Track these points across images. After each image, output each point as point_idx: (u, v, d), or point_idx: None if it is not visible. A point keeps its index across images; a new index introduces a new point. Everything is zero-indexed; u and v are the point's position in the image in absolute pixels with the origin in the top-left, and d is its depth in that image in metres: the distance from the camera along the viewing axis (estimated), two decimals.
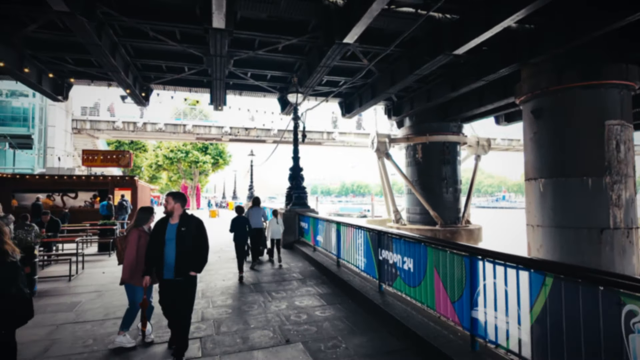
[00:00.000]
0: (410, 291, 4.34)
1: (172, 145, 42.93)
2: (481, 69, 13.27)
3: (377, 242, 5.23)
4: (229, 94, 18.00)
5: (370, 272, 5.58)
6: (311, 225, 9.45)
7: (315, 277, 7.24)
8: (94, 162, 17.70)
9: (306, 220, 10.12)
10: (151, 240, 3.92)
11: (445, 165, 19.05)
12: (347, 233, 6.61)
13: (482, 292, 3.12)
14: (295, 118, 12.04)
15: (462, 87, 14.45)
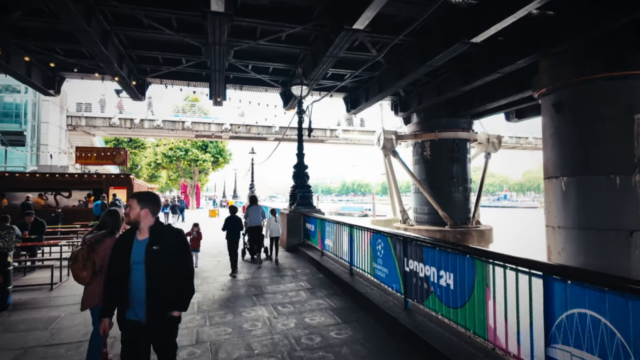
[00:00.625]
0: (449, 313, 3.56)
1: (172, 143, 42.16)
2: (496, 60, 12.48)
3: (403, 251, 4.45)
4: (229, 88, 17.22)
5: (393, 284, 4.80)
6: (318, 227, 8.67)
7: (325, 287, 6.46)
8: (88, 159, 16.93)
9: (312, 222, 9.34)
10: (110, 264, 2.71)
11: (454, 163, 18.26)
12: (362, 238, 5.83)
13: (565, 325, 2.34)
14: (299, 112, 11.26)
15: (475, 80, 13.66)
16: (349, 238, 6.41)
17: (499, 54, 12.28)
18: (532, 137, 31.30)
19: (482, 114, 19.11)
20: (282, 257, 9.62)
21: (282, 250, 10.62)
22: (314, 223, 9.19)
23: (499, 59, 12.32)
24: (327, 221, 8.03)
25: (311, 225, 9.50)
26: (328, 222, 7.92)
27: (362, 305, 5.23)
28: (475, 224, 18.44)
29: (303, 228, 10.35)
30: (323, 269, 7.48)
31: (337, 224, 7.24)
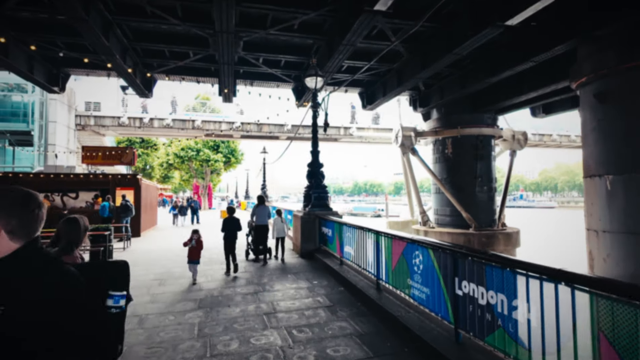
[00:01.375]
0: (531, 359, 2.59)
1: (183, 143, 41.75)
2: (530, 48, 11.38)
3: (453, 268, 3.48)
4: (239, 84, 16.44)
5: (437, 309, 3.83)
6: (336, 232, 7.74)
7: (347, 304, 5.52)
8: (94, 159, 16.37)
9: (329, 226, 8.42)
10: None
11: (478, 161, 17.13)
12: (393, 248, 4.88)
13: None
14: (314, 106, 10.34)
15: (504, 70, 12.57)
16: (375, 247, 5.46)
17: (533, 41, 11.20)
18: (557, 134, 29.78)
19: (507, 109, 17.92)
20: (296, 264, 8.73)
21: (296, 257, 9.72)
22: (331, 227, 8.26)
23: (532, 46, 11.23)
24: (346, 226, 7.09)
25: (328, 230, 8.58)
26: (348, 227, 6.98)
27: (394, 330, 4.28)
28: (501, 227, 17.27)
29: (319, 232, 9.44)
30: (343, 280, 6.55)
31: (359, 229, 6.30)
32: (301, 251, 9.57)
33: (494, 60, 12.90)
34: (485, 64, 13.38)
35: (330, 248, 8.33)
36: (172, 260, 9.55)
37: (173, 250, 11.17)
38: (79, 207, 16.77)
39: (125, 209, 14.34)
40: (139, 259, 9.80)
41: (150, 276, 7.76)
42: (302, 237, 9.57)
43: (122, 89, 15.42)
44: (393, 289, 4.96)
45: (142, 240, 14.36)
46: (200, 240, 7.41)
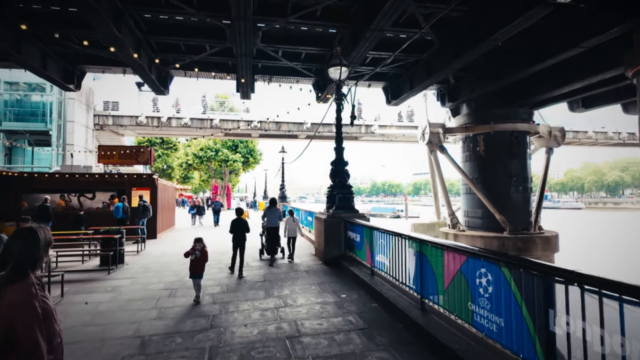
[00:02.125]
0: None
1: (202, 143, 41.63)
2: (579, 32, 10.19)
3: (544, 296, 2.56)
4: (258, 80, 15.73)
5: (517, 347, 2.90)
6: (366, 238, 6.85)
7: (385, 327, 4.63)
8: (110, 158, 16.00)
9: (357, 231, 7.53)
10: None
11: (513, 159, 15.91)
12: (445, 262, 3.96)
13: None
14: (338, 98, 9.48)
15: (547, 58, 11.42)
16: (419, 259, 4.56)
17: (582, 24, 10.02)
18: (592, 130, 27.94)
19: (543, 103, 16.62)
20: (320, 273, 7.88)
21: (319, 264, 8.88)
22: (359, 232, 7.37)
23: (582, 30, 10.05)
24: (379, 231, 6.19)
25: (355, 235, 7.69)
26: (381, 233, 6.08)
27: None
28: (538, 230, 15.98)
29: (344, 237, 8.56)
30: (376, 295, 5.66)
31: (395, 236, 5.40)
32: (325, 257, 8.72)
33: (536, 48, 11.74)
34: (524, 52, 12.22)
35: (359, 255, 7.44)
36: (186, 265, 8.84)
37: None
38: (95, 208, 16.45)
39: (143, 210, 13.83)
40: (152, 264, 9.15)
41: (161, 285, 7.06)
42: (325, 242, 8.72)
43: (138, 86, 14.93)
44: (445, 312, 4.04)
45: (158, 243, 13.82)
46: (205, 250, 6.23)
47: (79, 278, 7.73)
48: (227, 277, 7.69)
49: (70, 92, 20.13)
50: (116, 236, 8.73)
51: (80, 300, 6.14)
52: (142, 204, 13.66)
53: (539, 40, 11.43)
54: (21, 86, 19.61)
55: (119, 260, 9.10)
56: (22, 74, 18.91)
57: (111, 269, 8.48)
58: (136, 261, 9.73)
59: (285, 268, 8.43)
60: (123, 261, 9.30)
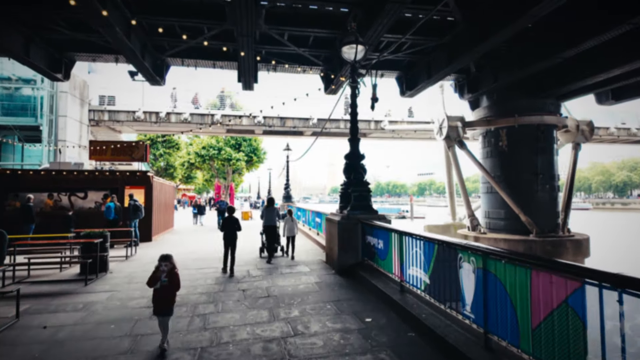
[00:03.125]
0: None
1: (205, 142, 40.52)
2: (628, 6, 8.87)
3: None
4: (261, 70, 14.50)
5: None
6: (393, 245, 5.58)
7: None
8: (102, 154, 14.86)
9: (380, 236, 6.26)
10: None
11: (539, 155, 14.58)
12: (533, 288, 2.69)
13: None
14: (353, 81, 8.23)
15: (587, 39, 10.09)
16: (481, 278, 3.29)
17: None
18: (614, 127, 26.45)
19: (570, 95, 15.26)
20: (334, 286, 6.62)
21: (331, 273, 7.62)
22: (383, 237, 6.10)
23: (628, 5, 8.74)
24: (412, 237, 4.92)
25: (377, 240, 6.43)
26: (415, 240, 4.81)
27: None
28: (567, 232, 14.63)
29: (362, 242, 7.31)
30: (411, 320, 4.40)
31: (440, 244, 4.14)
32: (338, 266, 7.46)
33: (571, 28, 10.43)
34: (556, 33, 10.91)
35: (382, 265, 6.17)
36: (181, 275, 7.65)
37: (184, 261, 9.31)
38: (87, 208, 15.30)
39: (134, 210, 12.65)
40: (139, 273, 7.94)
41: (143, 301, 5.83)
42: (339, 248, 7.46)
43: (131, 75, 13.74)
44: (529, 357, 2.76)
45: (152, 246, 12.63)
46: (176, 273, 4.12)
47: (48, 291, 6.54)
48: (223, 288, 6.46)
49: (63, 86, 19.06)
50: (96, 241, 7.51)
51: (40, 322, 4.92)
52: (133, 204, 12.49)
53: (573, 18, 10.12)
54: (11, 79, 18.51)
55: (101, 268, 7.91)
56: (11, 66, 17.82)
57: (90, 279, 7.27)
58: (122, 269, 8.52)
59: (293, 279, 7.19)
60: (106, 269, 8.10)
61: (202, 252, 10.93)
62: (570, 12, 9.84)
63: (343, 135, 26.05)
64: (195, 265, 8.77)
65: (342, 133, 24.94)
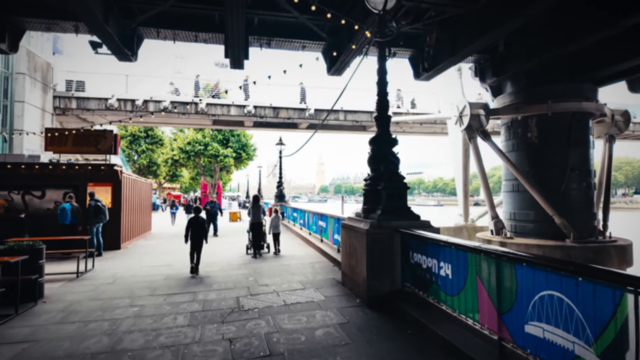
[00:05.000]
0: None
1: (190, 137, 37.88)
2: None
3: None
4: (253, 45, 12.21)
5: None
6: (480, 276, 3.40)
7: None
8: (61, 145, 12.41)
9: (445, 257, 4.05)
10: None
11: (573, 147, 12.63)
12: None
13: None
14: (381, 35, 6.03)
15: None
16: None
17: None
18: None
19: (609, 79, 13.35)
20: (368, 331, 4.37)
21: (355, 304, 5.37)
22: (451, 259, 3.89)
23: None
24: (542, 269, 2.75)
25: (436, 263, 4.23)
26: (558, 276, 2.64)
27: None
28: (609, 237, 12.73)
29: (402, 261, 5.12)
30: None
31: None
32: (368, 293, 5.25)
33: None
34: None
35: (448, 303, 3.96)
36: (143, 307, 5.35)
37: (152, 281, 7.03)
38: (45, 209, 12.78)
39: (95, 213, 10.27)
40: (85, 303, 5.64)
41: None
42: (368, 269, 5.26)
43: (93, 46, 11.32)
44: None
45: (119, 256, 10.28)
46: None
47: None
48: (199, 336, 4.21)
49: (19, 66, 16.45)
50: (14, 260, 5.14)
51: None
52: (94, 205, 10.11)
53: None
54: None
55: (28, 296, 5.57)
56: None
57: (4, 316, 4.94)
58: (63, 294, 6.19)
59: (304, 317, 4.95)
60: (37, 298, 5.75)
61: (179, 265, 8.63)
62: None
63: (343, 129, 23.91)
64: (165, 288, 6.49)
65: (341, 126, 22.79)
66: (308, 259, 9.23)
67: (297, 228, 15.55)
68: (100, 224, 10.47)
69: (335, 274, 7.37)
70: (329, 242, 10.29)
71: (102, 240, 10.53)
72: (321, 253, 9.82)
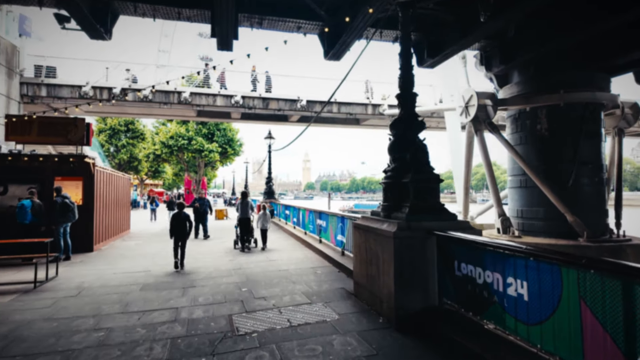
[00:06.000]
0: None
1: (173, 130, 36.21)
2: None
3: None
4: (244, 25, 11.02)
5: None
6: (615, 304, 2.39)
7: None
8: (25, 134, 10.98)
9: (509, 268, 3.03)
10: None
11: (585, 140, 11.87)
12: None
13: None
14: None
15: None
16: None
17: None
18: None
19: (620, 69, 12.63)
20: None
21: (384, 329, 4.28)
22: (527, 275, 2.88)
23: None
24: None
25: (494, 275, 3.21)
26: None
27: None
28: (624, 236, 12.04)
29: (440, 271, 4.09)
30: None
31: None
32: (396, 312, 4.20)
33: None
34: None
35: (520, 331, 2.94)
36: (110, 328, 4.18)
37: (126, 292, 5.85)
38: (7, 207, 11.32)
39: (62, 211, 8.97)
40: (32, 329, 4.43)
41: None
42: (397, 282, 4.22)
43: (58, 20, 9.93)
44: None
45: (90, 260, 9.01)
46: None
47: None
48: None
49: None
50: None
51: None
52: (61, 202, 8.82)
53: None
54: None
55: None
56: None
57: None
58: (9, 315, 4.96)
59: (319, 345, 3.88)
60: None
61: (158, 271, 7.45)
62: None
63: (336, 122, 22.79)
64: (140, 302, 5.32)
65: (334, 119, 21.67)
66: (307, 263, 8.15)
67: (290, 227, 14.45)
68: (68, 223, 9.18)
69: (343, 283, 6.31)
70: (329, 243, 9.23)
71: (70, 242, 9.24)
72: (321, 256, 8.76)
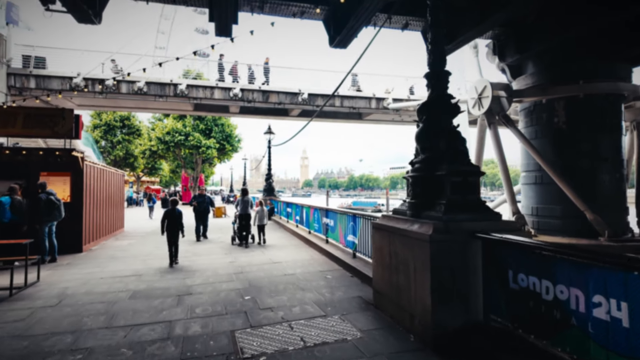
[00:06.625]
0: None
1: (169, 126, 35.35)
2: None
3: None
4: (243, 9, 10.27)
5: None
6: None
7: None
8: (9, 127, 10.22)
9: (593, 283, 2.35)
10: None
11: (605, 134, 11.24)
12: None
13: None
14: None
15: None
16: None
17: None
18: None
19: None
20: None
21: (417, 351, 3.63)
22: (627, 292, 2.21)
23: None
24: None
25: (572, 291, 2.54)
26: None
27: None
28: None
29: (486, 281, 3.40)
30: None
31: None
32: (434, 331, 3.51)
33: None
34: None
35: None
36: (90, 349, 3.47)
37: (115, 300, 5.13)
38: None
39: (47, 209, 8.24)
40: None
41: None
42: (434, 295, 3.52)
43: (42, 1, 9.13)
44: None
45: (78, 263, 8.27)
46: None
47: None
48: None
49: None
50: None
51: None
52: (45, 199, 8.08)
53: None
54: None
55: None
56: None
57: None
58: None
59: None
60: None
61: (151, 276, 6.75)
62: None
63: (338, 116, 22.06)
64: (129, 314, 4.62)
65: (337, 113, 20.93)
66: (315, 266, 7.46)
67: (292, 225, 13.75)
68: (53, 222, 8.45)
69: (358, 289, 5.63)
70: (338, 244, 8.55)
71: (56, 243, 8.50)
72: (329, 257, 8.07)
